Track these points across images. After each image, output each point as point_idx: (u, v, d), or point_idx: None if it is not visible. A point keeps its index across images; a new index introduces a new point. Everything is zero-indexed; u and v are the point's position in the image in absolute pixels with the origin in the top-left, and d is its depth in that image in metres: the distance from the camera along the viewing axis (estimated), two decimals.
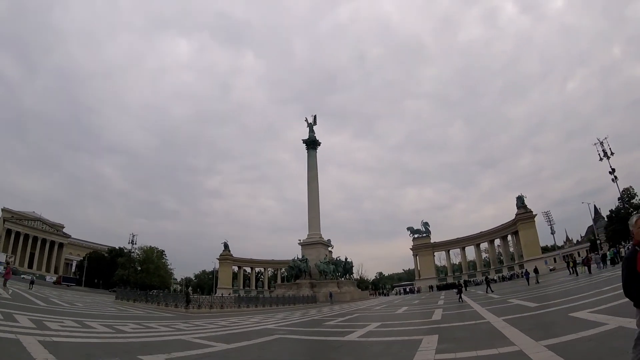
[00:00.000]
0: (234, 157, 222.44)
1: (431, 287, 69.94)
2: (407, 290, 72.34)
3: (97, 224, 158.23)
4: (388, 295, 64.63)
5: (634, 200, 68.81)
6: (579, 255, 78.65)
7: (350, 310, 23.90)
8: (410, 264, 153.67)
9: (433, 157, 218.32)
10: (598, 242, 74.41)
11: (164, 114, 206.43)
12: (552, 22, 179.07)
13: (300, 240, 54.96)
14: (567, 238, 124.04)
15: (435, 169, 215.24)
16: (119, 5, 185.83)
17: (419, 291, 66.62)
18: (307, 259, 50.25)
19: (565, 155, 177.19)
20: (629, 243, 47.21)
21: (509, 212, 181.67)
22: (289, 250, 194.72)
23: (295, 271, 49.74)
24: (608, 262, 37.19)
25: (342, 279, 52.10)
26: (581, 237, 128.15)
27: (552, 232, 79.55)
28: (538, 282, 32.31)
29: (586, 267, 34.23)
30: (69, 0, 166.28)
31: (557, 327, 7.80)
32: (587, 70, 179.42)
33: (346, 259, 54.24)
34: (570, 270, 37.70)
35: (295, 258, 53.38)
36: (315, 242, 52.68)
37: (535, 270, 38.36)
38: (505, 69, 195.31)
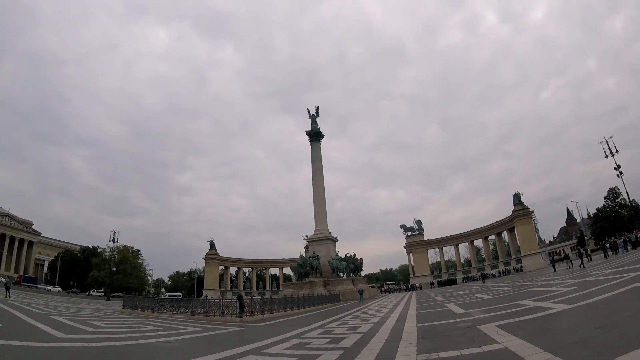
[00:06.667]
0: (206, 152, 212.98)
1: (432, 284, 69.08)
2: (410, 287, 70.84)
3: (64, 220, 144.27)
4: (392, 292, 62.73)
5: (618, 200, 71.99)
6: (564, 252, 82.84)
7: (421, 304, 20.74)
8: (386, 264, 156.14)
9: (407, 158, 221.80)
10: (586, 237, 78.00)
11: (136, 104, 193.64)
12: (531, 32, 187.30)
13: (306, 236, 51.30)
14: (540, 239, 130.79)
15: (408, 171, 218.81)
16: None
17: (420, 287, 65.30)
18: (318, 255, 46.64)
19: (535, 162, 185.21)
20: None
21: (479, 215, 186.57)
22: (259, 249, 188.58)
23: (306, 269, 45.94)
24: (629, 246, 40.57)
25: (353, 275, 49.09)
26: (554, 237, 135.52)
27: (536, 231, 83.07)
28: (570, 267, 33.64)
29: (613, 251, 39.23)
30: None
31: None
32: (561, 81, 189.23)
33: (354, 255, 51.09)
34: (589, 257, 40.41)
35: (302, 255, 49.96)
36: (324, 238, 49.21)
37: (566, 257, 41.32)
38: (482, 75, 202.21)
